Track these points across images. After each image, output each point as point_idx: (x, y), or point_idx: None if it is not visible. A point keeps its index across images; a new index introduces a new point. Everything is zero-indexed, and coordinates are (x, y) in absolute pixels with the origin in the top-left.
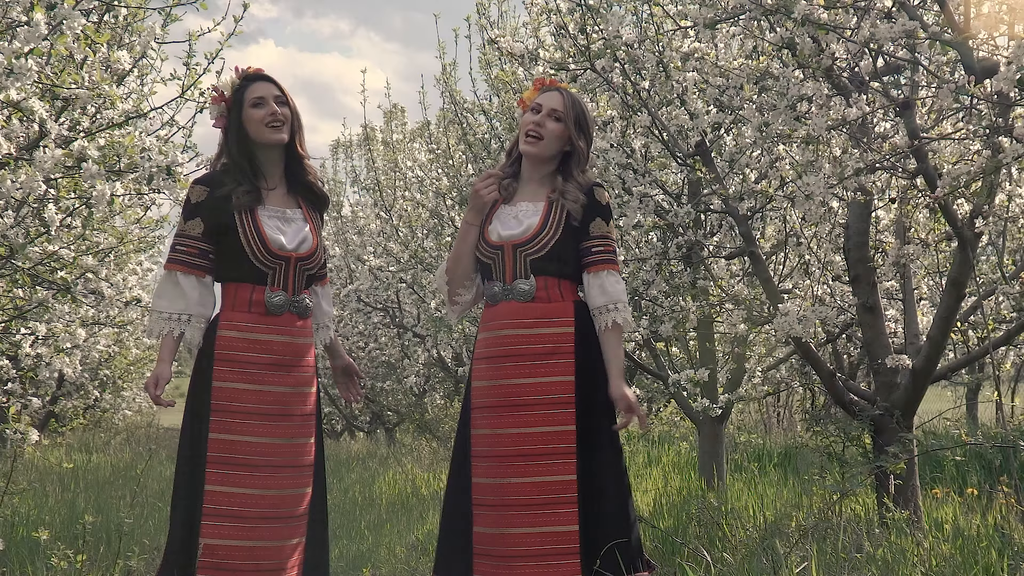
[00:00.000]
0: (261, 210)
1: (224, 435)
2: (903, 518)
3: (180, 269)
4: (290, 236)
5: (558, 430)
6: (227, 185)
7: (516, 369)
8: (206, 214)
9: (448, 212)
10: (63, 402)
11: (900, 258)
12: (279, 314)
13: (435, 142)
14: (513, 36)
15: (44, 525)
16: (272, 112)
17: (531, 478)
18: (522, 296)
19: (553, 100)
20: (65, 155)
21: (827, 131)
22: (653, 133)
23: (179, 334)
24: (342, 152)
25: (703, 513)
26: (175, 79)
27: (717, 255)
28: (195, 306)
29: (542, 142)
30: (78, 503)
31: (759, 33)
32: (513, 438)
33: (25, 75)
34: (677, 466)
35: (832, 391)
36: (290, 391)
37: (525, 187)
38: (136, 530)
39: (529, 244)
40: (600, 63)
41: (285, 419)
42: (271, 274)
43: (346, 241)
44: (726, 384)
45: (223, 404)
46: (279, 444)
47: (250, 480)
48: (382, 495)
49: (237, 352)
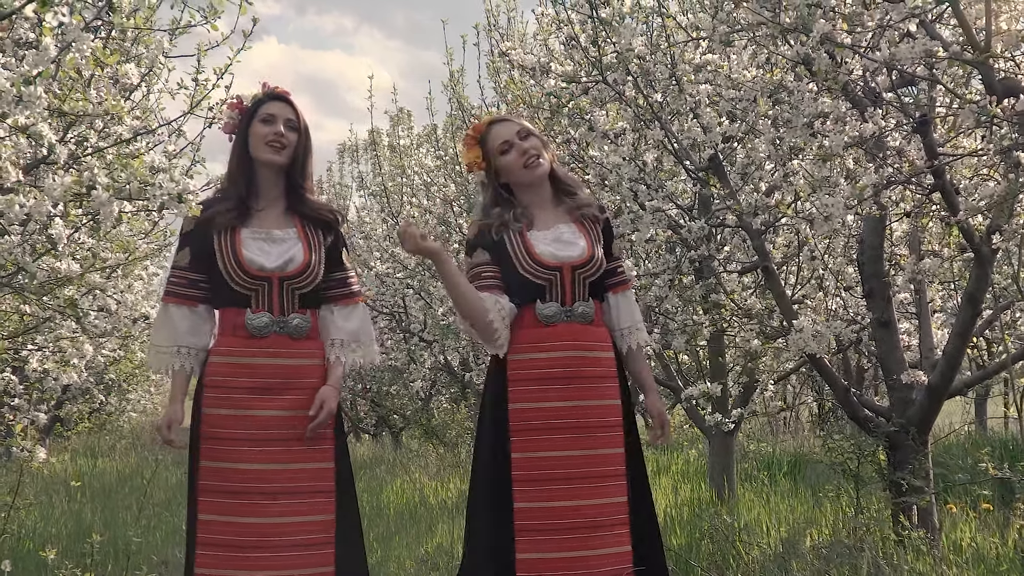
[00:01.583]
0: (244, 231)
1: (212, 463)
2: (920, 537)
3: (172, 301)
4: (274, 256)
5: (613, 452)
6: (212, 208)
7: (566, 392)
8: (193, 242)
9: (456, 219)
10: (68, 407)
11: (916, 274)
12: (263, 336)
13: (442, 148)
14: (522, 42)
15: (51, 539)
16: (277, 132)
17: (590, 500)
18: (583, 318)
19: (509, 127)
20: (75, 182)
21: (844, 149)
22: (665, 147)
23: (179, 367)
24: (348, 156)
25: (716, 531)
26: (183, 89)
27: (730, 269)
28: (185, 336)
29: (541, 160)
30: (84, 514)
31: (774, 48)
32: (575, 460)
33: (34, 103)
34: (686, 475)
35: (846, 406)
36: (284, 415)
37: (544, 213)
38: (144, 544)
39: (587, 266)
40: (612, 76)
41: (280, 444)
42: (253, 296)
43: (352, 246)
44: (737, 398)
45: (211, 431)
46: (275, 470)
47: (242, 508)
48: (390, 505)
49: (222, 378)
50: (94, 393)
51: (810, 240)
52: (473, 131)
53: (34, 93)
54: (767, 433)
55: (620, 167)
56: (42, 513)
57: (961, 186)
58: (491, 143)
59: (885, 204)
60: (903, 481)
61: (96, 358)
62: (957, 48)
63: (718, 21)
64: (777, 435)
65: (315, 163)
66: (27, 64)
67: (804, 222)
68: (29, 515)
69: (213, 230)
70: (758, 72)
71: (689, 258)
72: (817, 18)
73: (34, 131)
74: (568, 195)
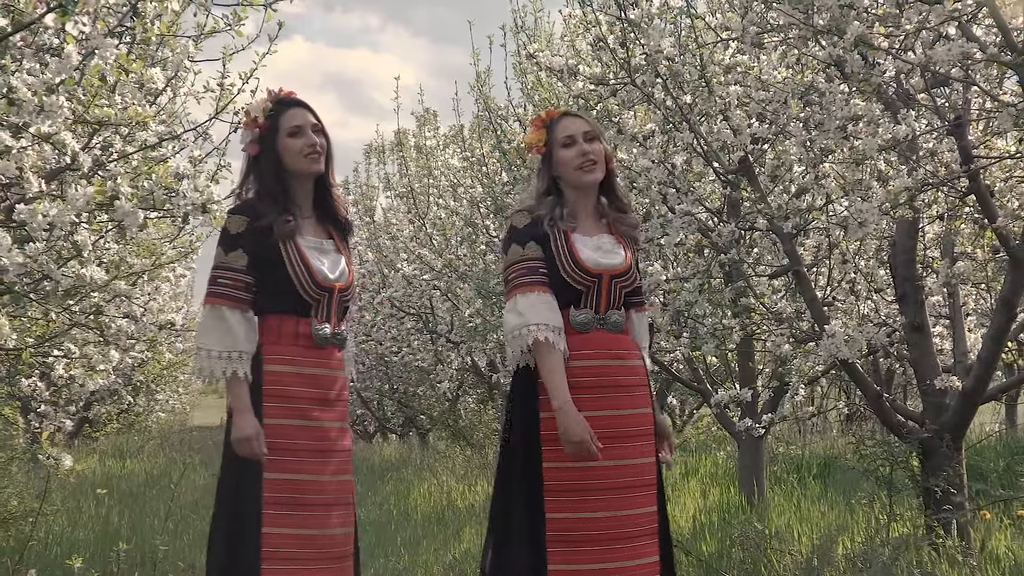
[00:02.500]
0: (301, 240)
1: (280, 474)
2: (955, 546)
3: (226, 304)
4: (330, 266)
5: (647, 461)
6: (267, 215)
7: (602, 401)
8: (249, 246)
9: (483, 220)
10: (97, 408)
11: (951, 278)
12: (324, 347)
13: (469, 149)
14: (548, 43)
15: (78, 544)
16: (312, 143)
17: (628, 510)
18: (614, 327)
19: (579, 124)
20: (98, 191)
21: (878, 152)
22: (695, 149)
23: (243, 374)
24: (375, 156)
25: (746, 538)
26: (209, 92)
27: (760, 273)
28: (243, 343)
29: (598, 166)
30: (112, 518)
31: (805, 49)
32: (609, 470)
33: (56, 113)
34: (715, 478)
35: (878, 412)
36: (334, 426)
37: (587, 219)
38: (170, 550)
39: (624, 276)
40: (641, 77)
41: (332, 455)
42: (315, 306)
43: (379, 247)
44: (766, 403)
45: (276, 442)
46: (329, 481)
47: (309, 520)
48: (417, 508)
49: (287, 387)
50: (122, 394)
51: (842, 244)
52: (545, 114)
53: (55, 103)
54: (796, 434)
55: (649, 170)
56: (70, 518)
57: (995, 189)
58: (557, 132)
59: (919, 207)
60: (937, 488)
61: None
62: (994, 50)
63: (748, 22)
64: (806, 436)
65: (341, 163)
66: (50, 72)
67: (837, 228)
68: (56, 520)
69: (274, 237)
70: (789, 73)
71: (719, 262)
72: (851, 20)
73: (57, 139)
74: (617, 210)
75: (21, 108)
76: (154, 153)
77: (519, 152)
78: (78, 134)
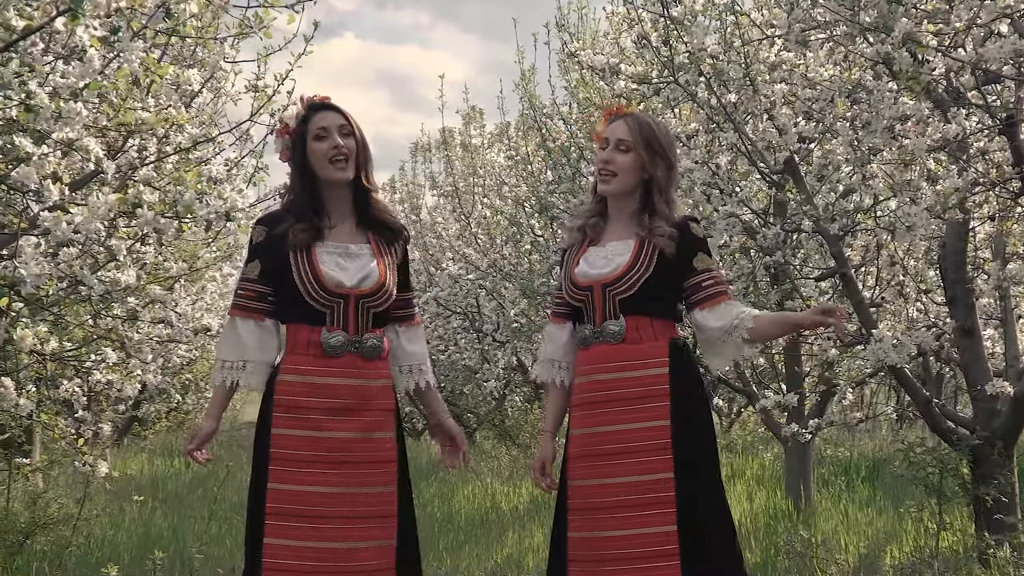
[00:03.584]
0: (320, 247)
1: (283, 485)
2: (1007, 558)
3: (239, 314)
4: (351, 272)
5: (654, 479)
6: (285, 223)
7: (608, 416)
8: (263, 255)
9: (527, 220)
10: (146, 406)
11: (1002, 280)
12: (338, 355)
13: (514, 148)
14: (593, 41)
15: (119, 548)
16: (336, 146)
17: (627, 530)
18: (612, 338)
19: (619, 130)
20: (120, 200)
21: (927, 153)
22: (739, 149)
23: (231, 383)
24: (421, 155)
25: (792, 547)
26: (249, 92)
27: (807, 276)
28: (253, 352)
29: (616, 178)
30: (155, 520)
31: (852, 47)
32: (608, 488)
33: (73, 119)
34: (761, 480)
35: (928, 418)
36: (356, 437)
37: (614, 225)
38: (210, 557)
39: (618, 283)
40: (684, 76)
41: (352, 466)
42: (328, 313)
43: (424, 245)
44: (813, 407)
45: (282, 452)
46: (346, 494)
47: (311, 533)
48: (461, 511)
49: (296, 397)
50: (171, 392)
51: (889, 245)
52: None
53: (73, 109)
54: (844, 434)
55: (692, 171)
56: (112, 521)
57: None
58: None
59: (969, 208)
60: (987, 497)
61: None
62: None
63: (793, 19)
64: (855, 437)
65: (391, 160)
66: (73, 76)
67: (885, 232)
68: (98, 523)
69: (287, 246)
70: (835, 70)
71: (764, 264)
72: (899, 16)
73: (80, 145)
74: (650, 216)
75: (38, 115)
76: (192, 155)
77: (563, 151)
78: (110, 139)
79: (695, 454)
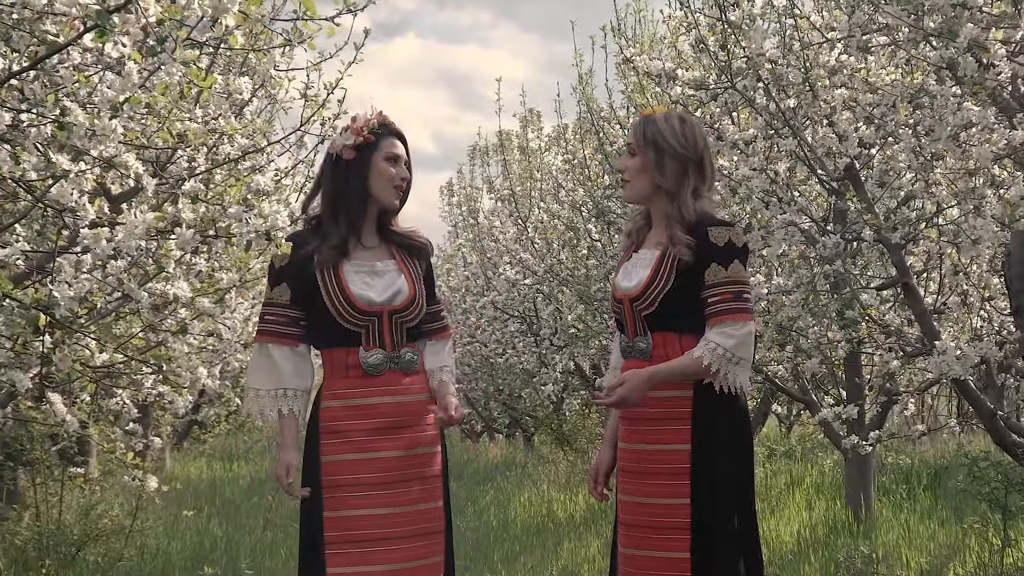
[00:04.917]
0: (347, 265)
1: (338, 512)
2: None
3: (271, 340)
4: (380, 289)
5: (671, 503)
6: (310, 243)
7: (639, 434)
8: (291, 279)
9: (584, 224)
10: (205, 410)
11: None
12: (379, 374)
13: (571, 151)
14: (651, 44)
15: (172, 558)
16: (405, 176)
17: (644, 551)
18: (640, 355)
19: (630, 134)
20: (158, 218)
21: (993, 161)
22: (798, 156)
23: (288, 411)
24: (478, 158)
25: (852, 563)
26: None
27: (867, 285)
28: (291, 379)
29: (628, 184)
30: (210, 529)
31: (915, 52)
32: (633, 506)
33: (109, 137)
34: (820, 489)
35: (993, 432)
36: (404, 455)
37: (653, 232)
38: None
39: (640, 299)
40: (742, 81)
41: (403, 484)
42: (363, 333)
43: (482, 249)
44: (874, 418)
45: (333, 479)
46: (400, 513)
47: (373, 556)
48: (517, 519)
49: (341, 422)
50: (230, 396)
51: (952, 255)
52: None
53: (108, 126)
54: (905, 440)
55: (750, 178)
56: (167, 530)
57: None
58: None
59: None
60: None
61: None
62: None
63: (854, 23)
64: (916, 443)
65: (448, 160)
66: (113, 90)
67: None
68: (153, 533)
69: (314, 266)
70: (897, 75)
71: (824, 273)
72: (964, 21)
73: (118, 161)
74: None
75: (71, 132)
76: (241, 166)
77: (620, 155)
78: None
79: (713, 480)
